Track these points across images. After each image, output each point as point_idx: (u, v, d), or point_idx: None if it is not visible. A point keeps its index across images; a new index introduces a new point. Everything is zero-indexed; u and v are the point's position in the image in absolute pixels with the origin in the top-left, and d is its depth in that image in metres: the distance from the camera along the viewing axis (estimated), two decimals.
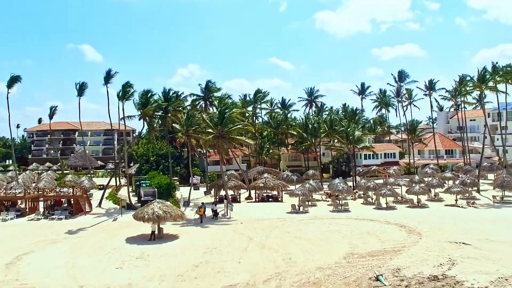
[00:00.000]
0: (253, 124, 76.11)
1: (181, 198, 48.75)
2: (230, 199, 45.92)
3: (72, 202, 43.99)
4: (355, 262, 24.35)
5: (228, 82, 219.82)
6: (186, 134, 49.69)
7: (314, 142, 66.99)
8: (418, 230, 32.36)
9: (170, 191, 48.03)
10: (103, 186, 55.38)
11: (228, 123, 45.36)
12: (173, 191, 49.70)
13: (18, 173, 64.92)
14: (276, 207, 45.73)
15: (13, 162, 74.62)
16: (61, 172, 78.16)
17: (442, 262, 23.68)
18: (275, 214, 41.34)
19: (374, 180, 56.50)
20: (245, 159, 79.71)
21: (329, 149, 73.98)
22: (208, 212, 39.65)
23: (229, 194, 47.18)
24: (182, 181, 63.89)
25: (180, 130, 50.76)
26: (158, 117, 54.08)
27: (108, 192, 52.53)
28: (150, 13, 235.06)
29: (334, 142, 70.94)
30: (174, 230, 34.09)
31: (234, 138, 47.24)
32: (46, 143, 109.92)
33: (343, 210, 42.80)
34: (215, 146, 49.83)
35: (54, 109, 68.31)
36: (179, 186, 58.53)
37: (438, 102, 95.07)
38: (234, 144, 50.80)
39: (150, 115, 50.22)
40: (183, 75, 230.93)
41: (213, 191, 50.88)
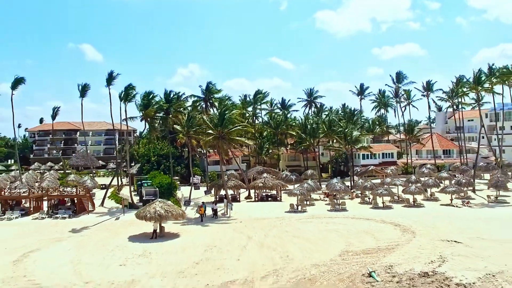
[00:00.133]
0: (253, 124, 76.86)
1: (182, 198, 49.32)
2: (230, 199, 46.61)
3: (75, 201, 44.94)
4: (350, 260, 25.25)
5: (228, 82, 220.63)
6: (187, 135, 50.53)
7: (312, 143, 67.96)
8: (412, 229, 33.23)
9: (171, 191, 48.57)
10: (105, 185, 56.22)
11: (228, 124, 46.16)
12: (174, 191, 50.22)
13: (21, 172, 65.65)
14: (275, 207, 46.52)
15: (16, 162, 75.43)
16: (63, 171, 79.02)
17: (433, 259, 24.61)
18: (274, 213, 42.16)
19: (372, 179, 57.32)
20: (245, 159, 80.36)
21: (327, 149, 74.72)
22: (208, 211, 40.42)
23: (229, 194, 47.97)
24: (182, 180, 64.66)
25: (181, 131, 51.58)
26: (160, 118, 54.95)
27: (110, 191, 53.41)
28: (150, 12, 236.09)
29: (333, 142, 71.67)
30: (175, 229, 34.94)
31: (233, 139, 48.11)
32: (47, 143, 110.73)
33: (341, 209, 43.60)
34: (215, 147, 50.60)
35: (56, 110, 69.19)
36: (180, 185, 59.20)
37: (435, 103, 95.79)
38: (233, 144, 51.56)
39: (151, 116, 51.13)
40: (183, 75, 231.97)
41: (213, 191, 51.69)
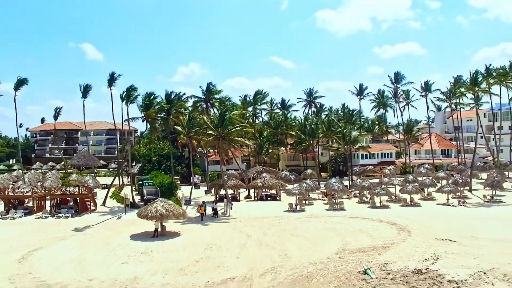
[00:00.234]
0: (253, 124, 77.47)
1: (182, 197, 49.84)
2: (230, 198, 47.23)
3: (77, 200, 45.63)
4: (346, 258, 25.95)
5: (228, 81, 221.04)
6: (187, 136, 51.22)
7: (312, 143, 68.65)
8: (408, 228, 33.91)
9: (172, 190, 49.24)
10: (107, 185, 56.88)
11: (228, 125, 46.82)
12: (174, 190, 50.86)
13: (24, 172, 66.37)
14: (274, 206, 47.19)
15: (19, 161, 76.12)
16: (64, 171, 79.66)
17: (427, 257, 25.30)
18: (273, 213, 42.80)
19: (370, 179, 57.95)
20: (245, 159, 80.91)
21: (326, 149, 75.33)
22: (208, 210, 41.10)
23: (229, 193, 48.63)
24: (183, 180, 65.36)
25: (182, 132, 52.23)
26: (161, 118, 55.62)
27: (111, 191, 54.08)
28: (151, 11, 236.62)
29: (332, 142, 72.25)
30: (176, 228, 35.64)
31: (233, 140, 48.75)
32: (49, 143, 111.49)
33: (339, 208, 44.24)
34: (216, 147, 51.25)
35: (59, 110, 69.98)
36: (181, 185, 59.85)
37: (434, 103, 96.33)
38: (233, 145, 52.16)
39: (153, 117, 51.82)
40: (184, 74, 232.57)
41: (213, 190, 52.30)
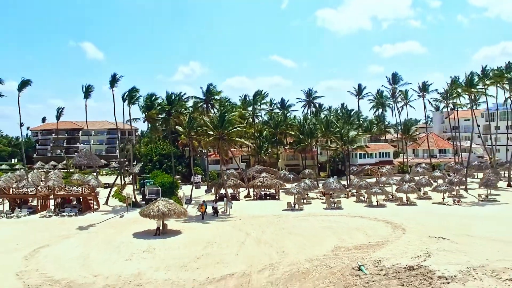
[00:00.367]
0: (252, 124, 78.36)
1: (183, 196, 50.68)
2: (230, 197, 48.11)
3: (81, 200, 46.57)
4: (341, 255, 26.92)
5: (229, 80, 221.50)
6: (188, 136, 52.11)
7: (310, 143, 69.57)
8: (403, 226, 34.84)
9: (173, 190, 50.05)
10: (108, 184, 57.79)
11: (227, 126, 47.75)
12: (175, 190, 51.63)
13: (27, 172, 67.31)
14: (273, 205, 48.09)
15: (21, 161, 77.01)
16: (66, 170, 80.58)
17: (419, 254, 26.27)
18: (272, 211, 43.70)
19: (368, 179, 58.88)
20: (244, 158, 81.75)
21: (324, 149, 76.17)
22: (208, 209, 42.02)
23: (228, 193, 49.60)
24: (184, 179, 66.15)
25: (183, 132, 53.11)
26: (162, 119, 56.51)
27: (113, 190, 54.99)
28: (151, 10, 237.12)
29: (331, 142, 73.06)
30: (177, 226, 36.57)
31: (233, 140, 49.66)
32: (50, 142, 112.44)
33: (336, 207, 45.15)
34: (216, 147, 52.15)
35: (61, 110, 71.10)
36: (181, 184, 60.56)
37: (431, 104, 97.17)
38: (233, 145, 53.03)
39: (154, 118, 52.72)
40: (184, 73, 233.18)
41: (213, 190, 53.18)
